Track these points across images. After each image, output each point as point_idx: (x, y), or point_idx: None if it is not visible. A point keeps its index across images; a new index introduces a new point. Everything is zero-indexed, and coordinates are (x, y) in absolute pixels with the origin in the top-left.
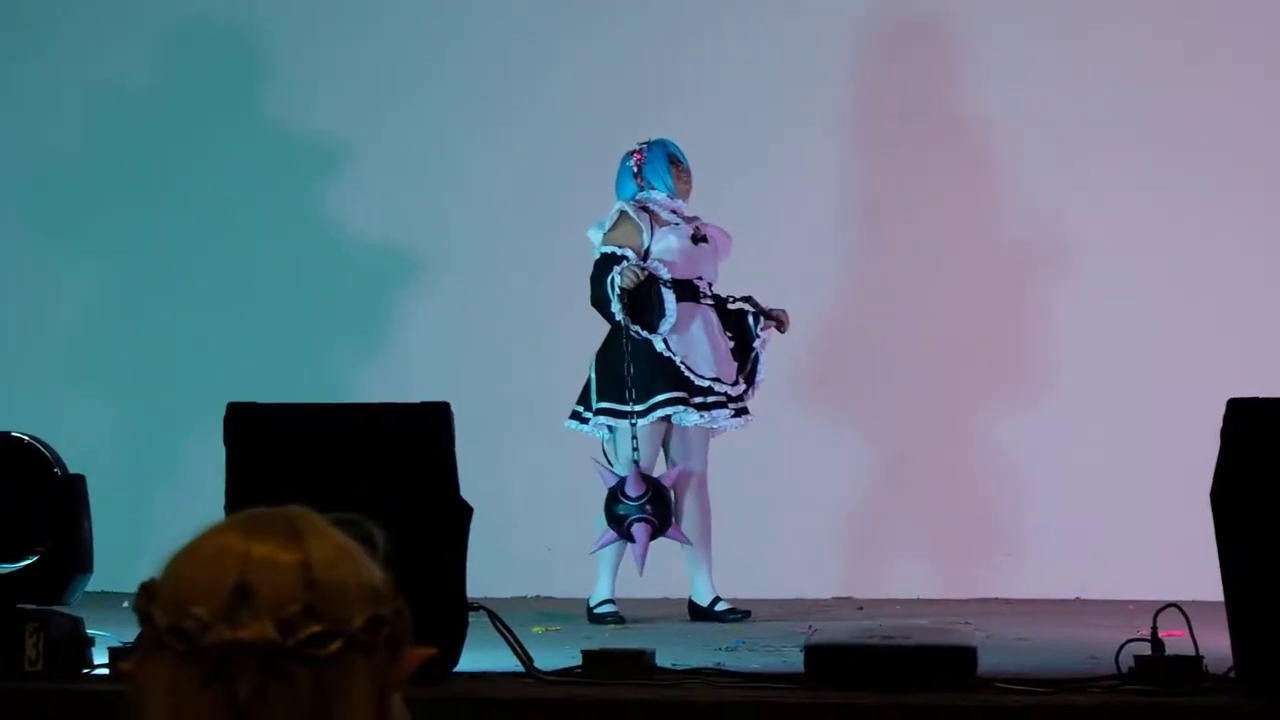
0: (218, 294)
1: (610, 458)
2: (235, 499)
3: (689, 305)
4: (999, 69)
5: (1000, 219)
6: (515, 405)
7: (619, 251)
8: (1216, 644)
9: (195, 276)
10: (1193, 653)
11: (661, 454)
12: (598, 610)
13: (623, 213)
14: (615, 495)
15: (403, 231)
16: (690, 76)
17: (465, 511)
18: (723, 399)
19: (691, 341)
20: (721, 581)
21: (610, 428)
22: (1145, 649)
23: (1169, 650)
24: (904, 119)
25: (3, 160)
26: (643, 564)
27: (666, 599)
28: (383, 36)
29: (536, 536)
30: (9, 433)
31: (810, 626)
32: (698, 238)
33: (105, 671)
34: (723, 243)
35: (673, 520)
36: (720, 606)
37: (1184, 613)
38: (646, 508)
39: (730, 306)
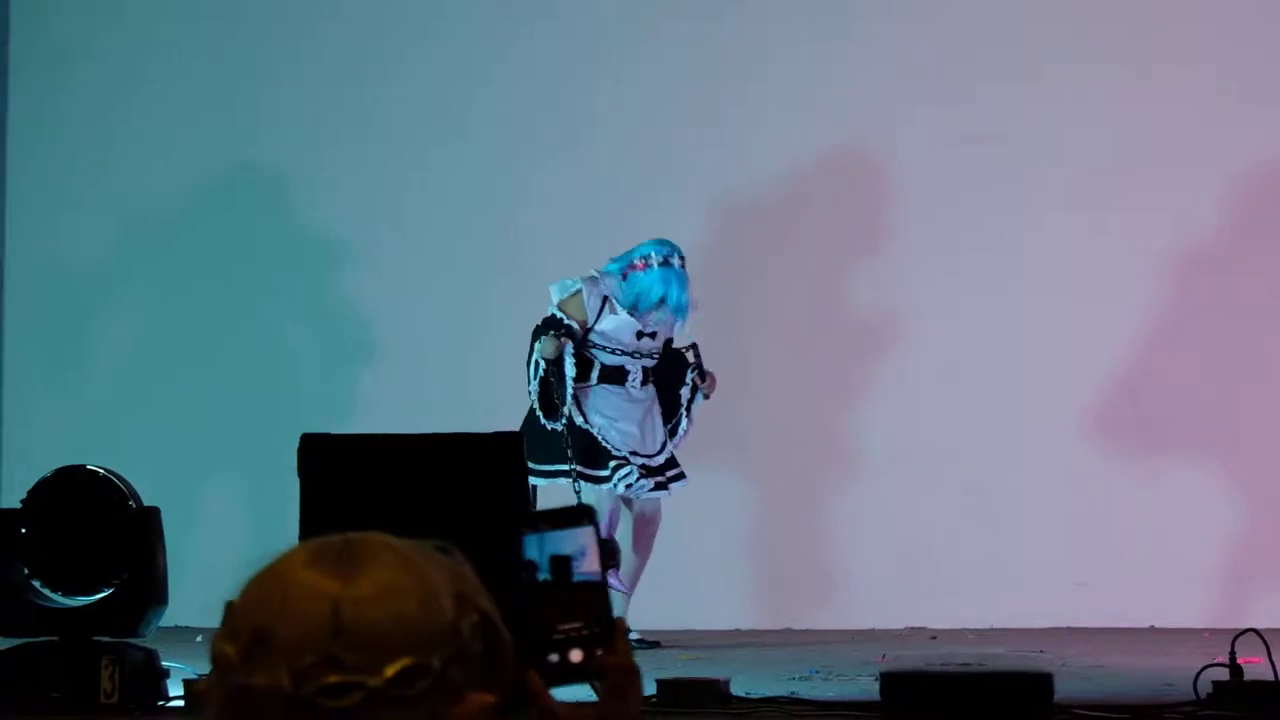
0: (290, 325)
1: None
2: (310, 531)
3: (615, 390)
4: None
5: (1072, 229)
6: None
7: (562, 318)
8: None
9: (268, 308)
10: (1273, 678)
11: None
12: None
13: (580, 290)
14: None
15: (473, 260)
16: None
17: None
18: (641, 470)
19: (608, 423)
20: (795, 609)
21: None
22: (1223, 675)
23: (1248, 676)
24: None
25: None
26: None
27: (738, 629)
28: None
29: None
30: (84, 466)
31: (884, 655)
32: (642, 334)
33: (180, 704)
34: (673, 326)
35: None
36: (630, 636)
37: (1263, 638)
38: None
39: (678, 348)
